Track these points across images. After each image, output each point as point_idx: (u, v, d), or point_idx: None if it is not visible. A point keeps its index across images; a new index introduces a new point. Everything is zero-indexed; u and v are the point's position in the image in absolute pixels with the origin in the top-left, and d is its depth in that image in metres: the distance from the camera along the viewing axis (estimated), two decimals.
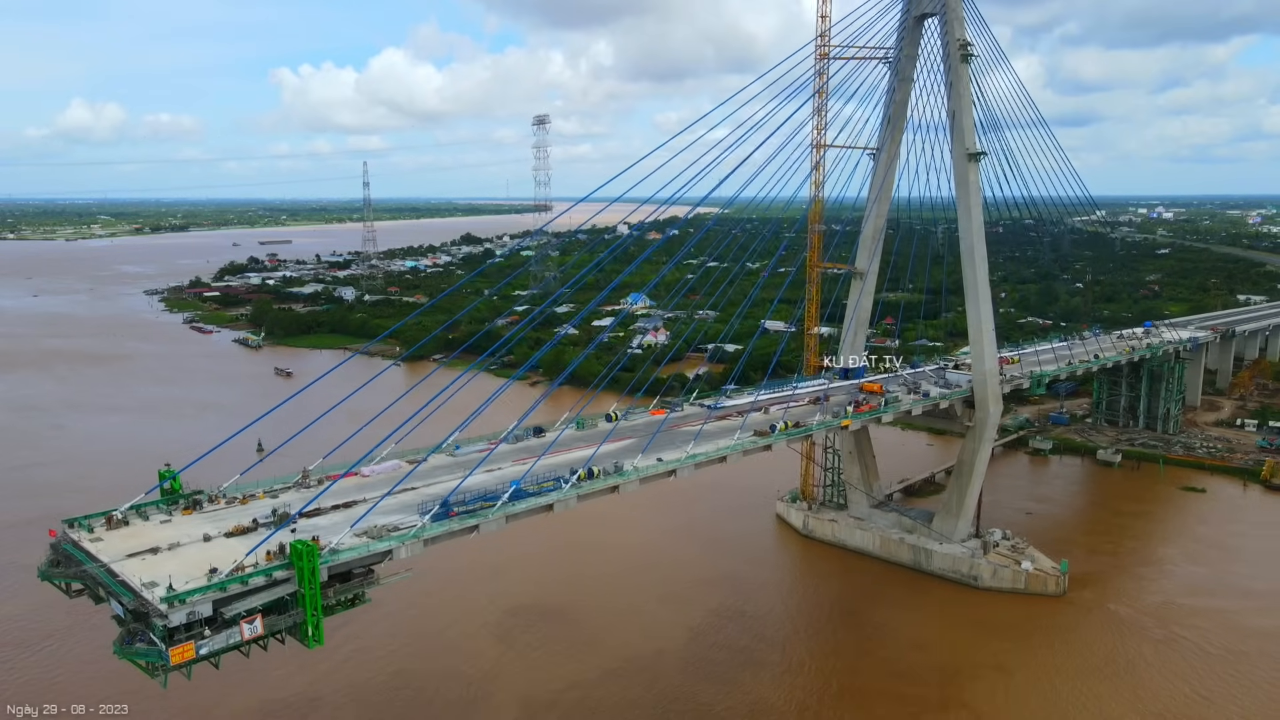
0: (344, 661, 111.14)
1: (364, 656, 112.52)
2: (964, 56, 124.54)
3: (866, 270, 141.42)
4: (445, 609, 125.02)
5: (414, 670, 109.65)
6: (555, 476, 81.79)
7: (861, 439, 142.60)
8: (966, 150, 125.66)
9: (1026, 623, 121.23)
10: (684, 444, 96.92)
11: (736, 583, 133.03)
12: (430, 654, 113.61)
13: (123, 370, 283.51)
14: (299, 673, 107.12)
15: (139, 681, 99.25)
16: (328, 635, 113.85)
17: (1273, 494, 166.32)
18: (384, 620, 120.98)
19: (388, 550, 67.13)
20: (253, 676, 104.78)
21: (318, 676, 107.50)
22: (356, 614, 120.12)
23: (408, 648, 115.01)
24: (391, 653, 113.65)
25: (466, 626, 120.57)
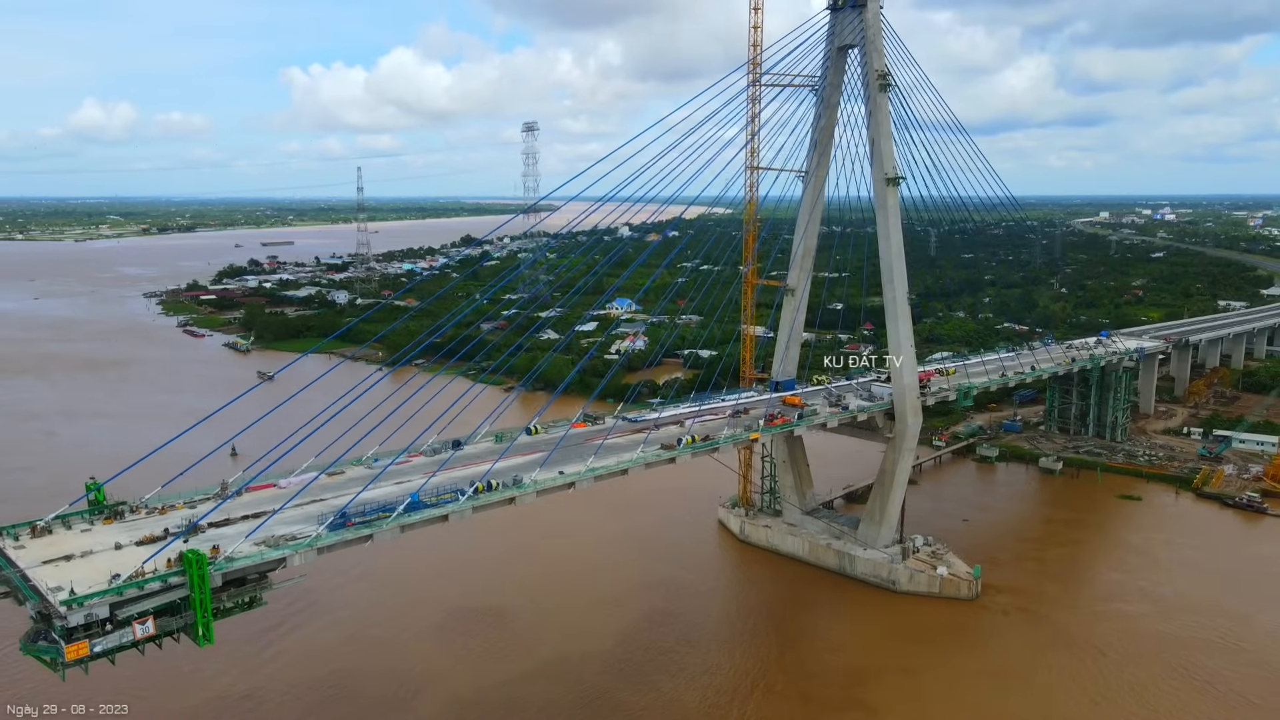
0: (290, 661, 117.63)
1: (309, 656, 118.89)
2: (882, 86, 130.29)
3: (798, 287, 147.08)
4: (392, 611, 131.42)
5: (353, 669, 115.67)
6: (455, 489, 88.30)
7: (795, 448, 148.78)
8: (885, 175, 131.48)
9: (938, 626, 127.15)
10: (600, 456, 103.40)
11: (671, 587, 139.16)
12: (371, 654, 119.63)
13: (115, 376, 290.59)
14: (244, 672, 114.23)
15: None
16: (269, 629, 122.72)
17: (1202, 502, 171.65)
18: (332, 622, 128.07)
19: (281, 558, 73.65)
20: (199, 675, 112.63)
21: (262, 675, 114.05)
22: (305, 616, 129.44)
23: (351, 648, 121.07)
24: (335, 653, 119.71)
25: (409, 628, 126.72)
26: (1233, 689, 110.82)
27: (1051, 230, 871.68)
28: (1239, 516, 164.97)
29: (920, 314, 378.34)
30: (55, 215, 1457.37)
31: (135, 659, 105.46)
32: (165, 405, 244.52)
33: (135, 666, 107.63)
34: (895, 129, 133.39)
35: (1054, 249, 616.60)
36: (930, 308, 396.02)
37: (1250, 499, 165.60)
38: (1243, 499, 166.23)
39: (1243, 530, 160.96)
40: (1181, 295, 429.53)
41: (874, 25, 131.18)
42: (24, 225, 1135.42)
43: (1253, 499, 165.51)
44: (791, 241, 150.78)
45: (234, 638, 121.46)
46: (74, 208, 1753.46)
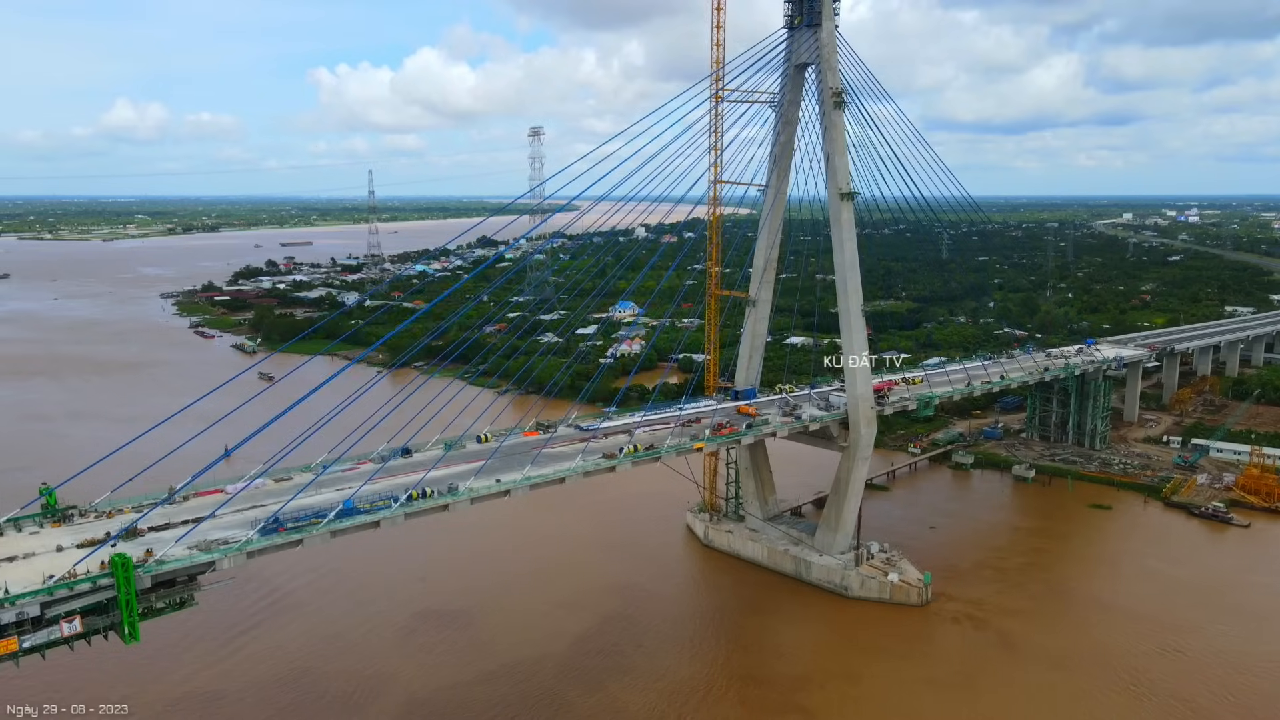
0: (259, 661, 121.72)
1: (277, 656, 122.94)
2: (837, 103, 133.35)
3: (760, 299, 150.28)
4: (363, 612, 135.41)
5: (318, 669, 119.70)
6: (390, 495, 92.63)
7: (757, 455, 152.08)
8: (839, 190, 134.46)
9: (886, 633, 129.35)
10: (541, 465, 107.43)
11: (632, 591, 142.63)
12: (333, 654, 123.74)
13: (124, 378, 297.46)
14: (216, 672, 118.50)
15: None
16: (243, 633, 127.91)
17: (1170, 511, 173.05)
18: (304, 622, 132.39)
19: (210, 561, 78.21)
20: (172, 674, 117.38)
21: (232, 675, 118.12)
22: (280, 616, 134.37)
23: (315, 648, 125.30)
24: (303, 653, 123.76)
25: (377, 629, 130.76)
26: (1173, 696, 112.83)
27: (1068, 232, 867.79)
28: (1204, 526, 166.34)
29: (920, 319, 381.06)
30: (86, 215, 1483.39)
31: (110, 658, 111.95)
32: (166, 407, 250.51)
33: (109, 664, 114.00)
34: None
35: (1066, 252, 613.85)
36: (931, 312, 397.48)
37: (1215, 509, 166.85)
38: (1208, 509, 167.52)
39: (1206, 540, 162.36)
40: (1189, 300, 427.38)
41: (828, 44, 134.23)
42: (54, 225, 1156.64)
43: (1218, 509, 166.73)
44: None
45: (209, 637, 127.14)
46: (105, 207, 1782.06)
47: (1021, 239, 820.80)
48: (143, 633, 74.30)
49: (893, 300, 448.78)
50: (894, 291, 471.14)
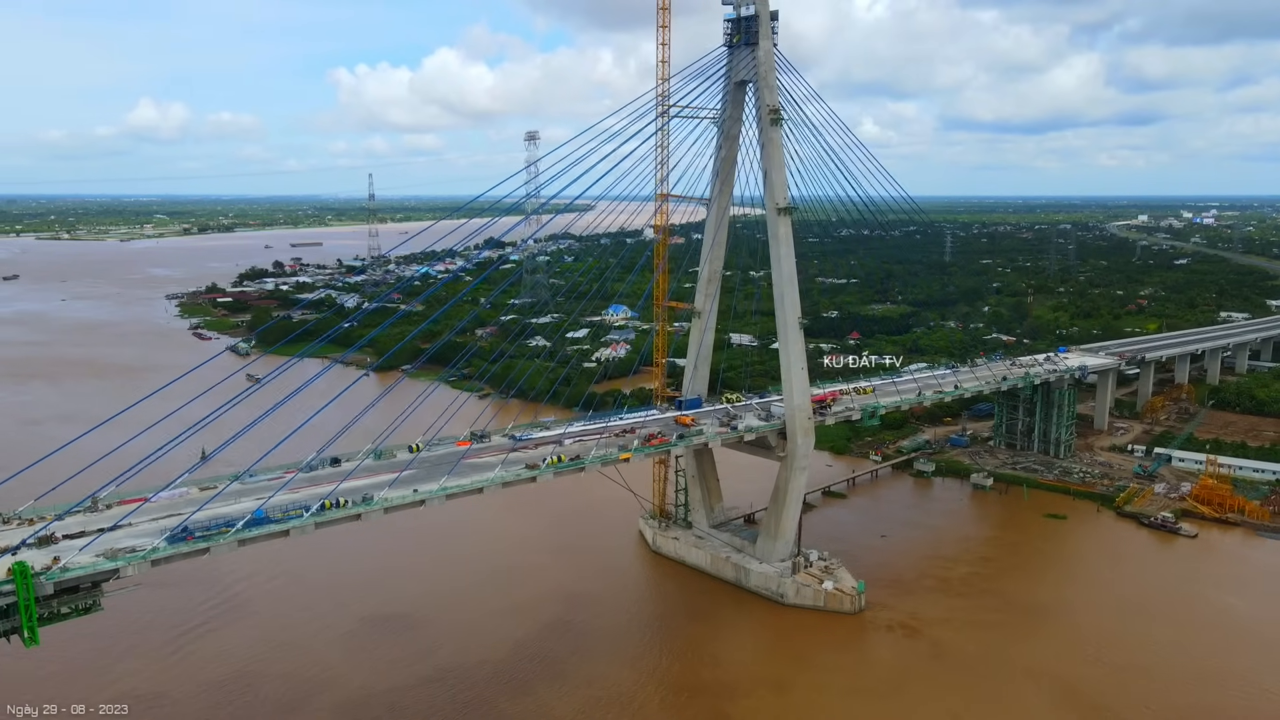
0: (201, 662, 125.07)
1: (220, 658, 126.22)
2: (774, 120, 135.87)
3: (705, 310, 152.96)
4: (310, 615, 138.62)
5: (258, 672, 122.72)
6: (303, 505, 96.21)
7: (704, 463, 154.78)
8: (777, 205, 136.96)
9: (819, 642, 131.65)
10: (463, 474, 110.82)
11: (578, 597, 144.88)
12: (278, 657, 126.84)
13: (119, 381, 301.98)
14: (157, 672, 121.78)
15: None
16: (194, 634, 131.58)
17: (1122, 521, 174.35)
18: (252, 624, 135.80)
19: (114, 569, 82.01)
20: (111, 673, 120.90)
21: (172, 675, 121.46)
22: (229, 617, 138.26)
23: (261, 650, 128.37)
24: (246, 655, 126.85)
25: (321, 632, 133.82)
26: (1094, 705, 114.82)
27: (1079, 235, 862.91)
28: (1153, 537, 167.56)
29: (913, 324, 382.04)
30: (107, 214, 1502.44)
31: (54, 657, 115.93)
32: (155, 411, 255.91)
33: (54, 664, 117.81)
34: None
35: (1069, 255, 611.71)
36: (923, 317, 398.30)
37: (1164, 519, 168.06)
38: (1157, 519, 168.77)
39: (1152, 551, 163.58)
40: (1186, 306, 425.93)
41: (765, 62, 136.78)
42: (72, 225, 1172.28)
43: (1166, 519, 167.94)
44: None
45: (161, 638, 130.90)
46: (126, 206, 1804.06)
47: (1031, 241, 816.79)
48: (94, 631, 77.28)
49: (887, 304, 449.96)
50: (890, 295, 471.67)
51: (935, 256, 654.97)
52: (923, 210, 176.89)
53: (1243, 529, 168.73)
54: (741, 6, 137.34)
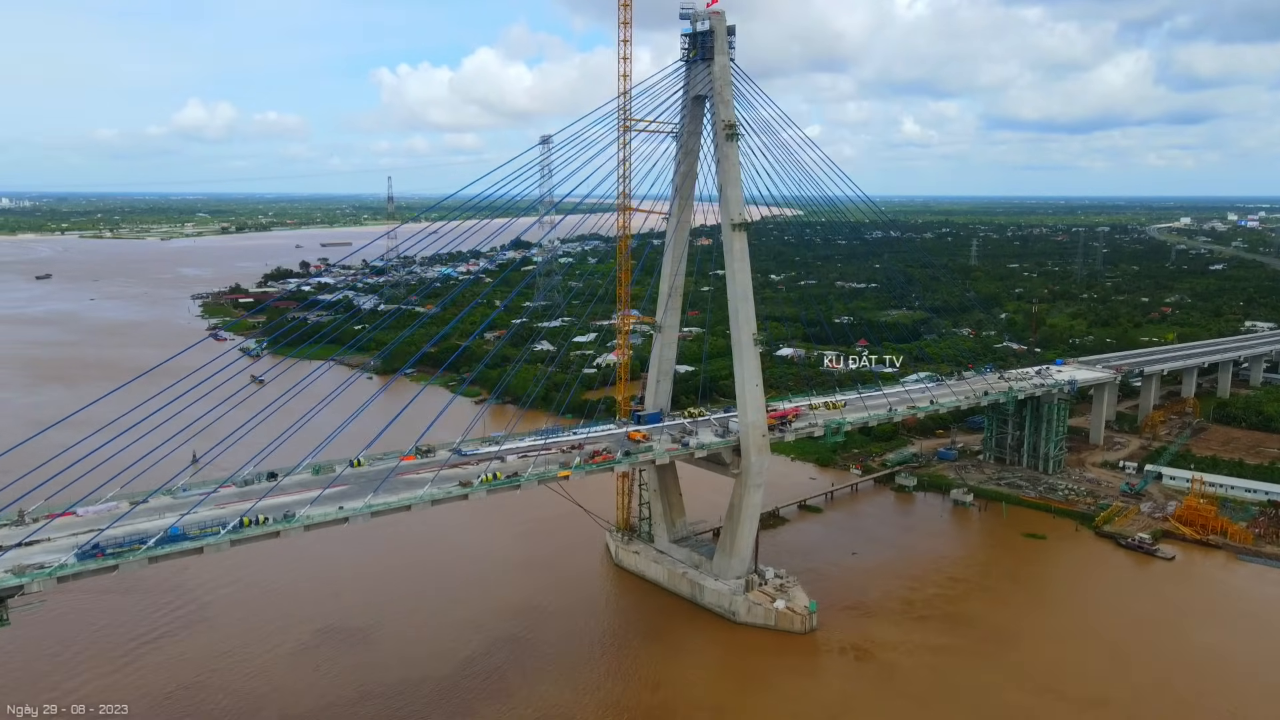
0: (153, 671, 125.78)
1: (170, 667, 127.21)
2: (729, 135, 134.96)
3: (666, 325, 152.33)
4: (267, 626, 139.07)
5: (204, 683, 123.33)
6: (222, 522, 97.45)
7: (666, 477, 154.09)
8: (732, 221, 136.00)
9: (767, 665, 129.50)
10: (394, 491, 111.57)
11: (534, 612, 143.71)
12: (227, 668, 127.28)
13: (134, 384, 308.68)
14: (105, 681, 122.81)
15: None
16: (148, 643, 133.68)
17: (1100, 541, 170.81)
18: (206, 634, 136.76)
19: (19, 585, 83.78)
20: (55, 679, 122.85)
21: (120, 684, 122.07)
22: (183, 627, 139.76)
23: (211, 661, 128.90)
24: (195, 665, 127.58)
25: (275, 644, 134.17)
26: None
27: (1116, 238, 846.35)
28: (1130, 558, 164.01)
29: (924, 330, 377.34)
30: (153, 212, 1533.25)
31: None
32: (159, 414, 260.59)
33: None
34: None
35: (1097, 260, 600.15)
36: (935, 324, 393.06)
37: (1141, 541, 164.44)
38: (1134, 540, 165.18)
39: (1126, 574, 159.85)
40: (1211, 314, 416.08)
41: (721, 77, 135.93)
42: (115, 224, 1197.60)
43: (1143, 540, 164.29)
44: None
45: (111, 645, 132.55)
46: (173, 204, 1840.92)
47: (1064, 244, 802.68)
48: (47, 637, 78.06)
49: (903, 310, 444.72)
50: (907, 300, 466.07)
51: (962, 260, 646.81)
52: (883, 212, 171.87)
53: (1225, 552, 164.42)
54: (698, 21, 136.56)
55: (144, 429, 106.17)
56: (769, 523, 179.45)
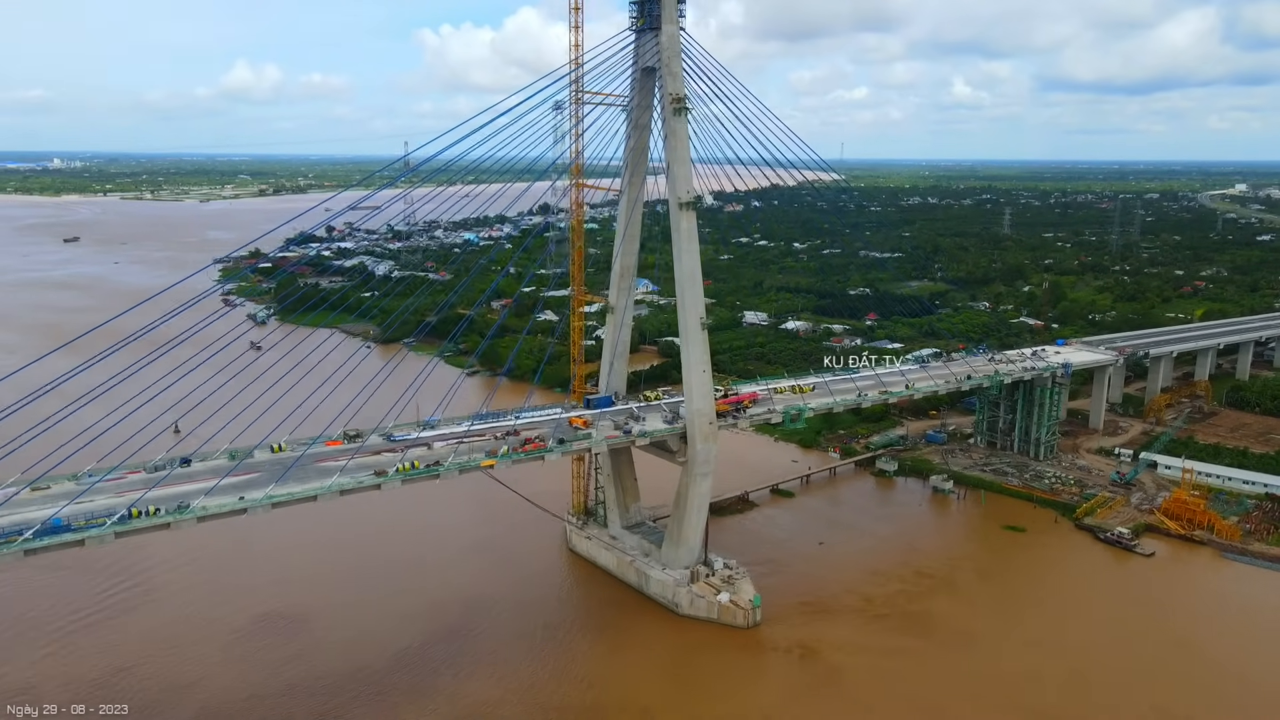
0: (80, 655, 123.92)
1: (103, 651, 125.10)
2: (677, 109, 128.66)
3: (619, 305, 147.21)
4: (207, 611, 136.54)
5: (133, 669, 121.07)
6: (110, 512, 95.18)
7: (620, 461, 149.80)
8: (679, 199, 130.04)
9: (707, 660, 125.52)
10: (301, 480, 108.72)
11: (480, 601, 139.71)
12: (159, 654, 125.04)
13: (138, 352, 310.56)
14: (28, 665, 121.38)
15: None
16: (84, 625, 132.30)
17: (1079, 534, 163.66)
18: (145, 617, 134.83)
19: None
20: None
21: (45, 669, 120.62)
22: (122, 609, 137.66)
23: (144, 648, 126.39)
24: (128, 650, 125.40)
25: (211, 631, 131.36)
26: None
27: (1164, 205, 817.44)
28: (1108, 553, 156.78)
29: (941, 304, 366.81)
30: (198, 173, 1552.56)
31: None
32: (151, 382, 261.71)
33: None
34: None
35: (1134, 229, 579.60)
36: (953, 297, 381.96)
37: (1120, 535, 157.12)
38: (1113, 534, 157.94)
39: (1101, 571, 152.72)
40: (1247, 289, 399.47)
41: (670, 48, 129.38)
42: (157, 185, 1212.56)
43: (1122, 535, 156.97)
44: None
45: (47, 627, 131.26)
46: (218, 166, 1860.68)
47: (1108, 212, 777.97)
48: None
49: (924, 281, 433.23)
50: (930, 272, 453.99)
51: (996, 228, 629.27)
52: (839, 174, 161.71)
53: (1210, 549, 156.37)
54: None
55: (132, 397, 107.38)
56: (737, 508, 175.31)
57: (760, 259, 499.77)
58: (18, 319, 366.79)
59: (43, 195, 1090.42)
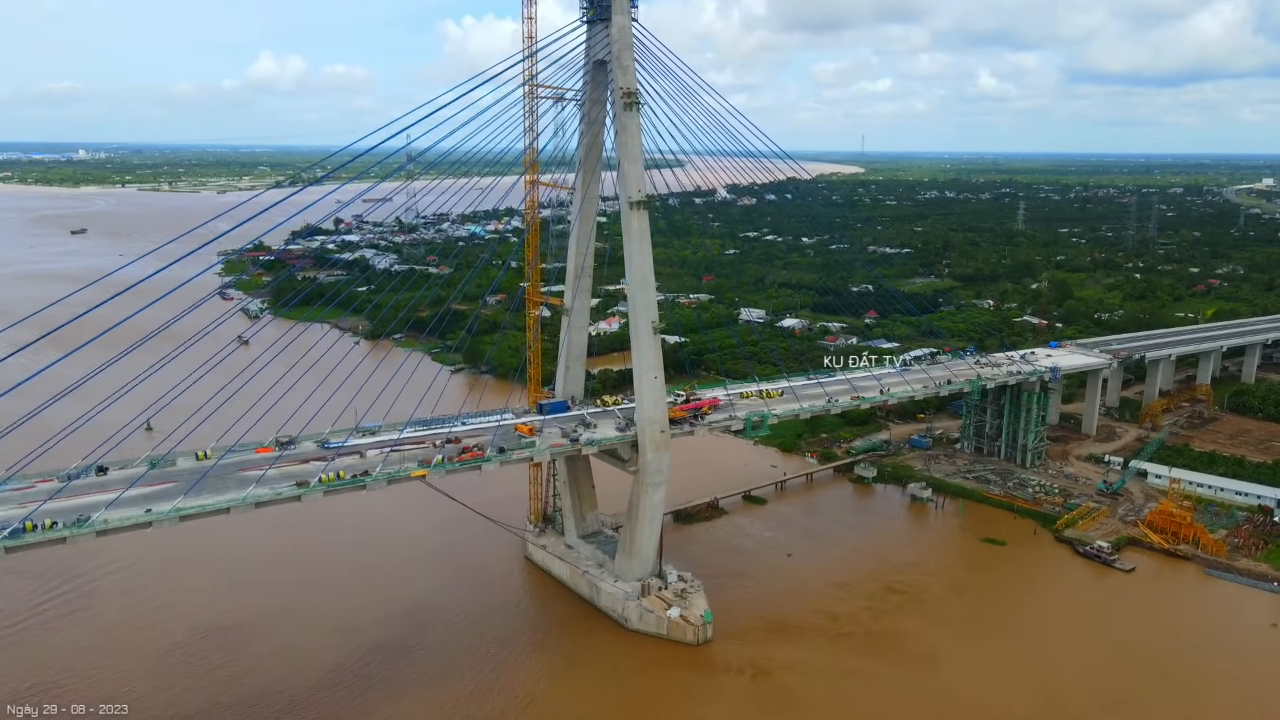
0: (7, 668, 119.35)
1: (31, 664, 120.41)
2: (629, 104, 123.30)
3: (574, 307, 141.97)
4: (145, 620, 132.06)
5: (58, 684, 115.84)
6: (4, 524, 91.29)
7: (576, 468, 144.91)
8: (630, 199, 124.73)
9: (653, 681, 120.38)
10: (219, 491, 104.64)
11: (427, 612, 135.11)
12: (89, 668, 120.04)
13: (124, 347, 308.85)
14: None
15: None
16: (16, 636, 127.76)
17: (1059, 547, 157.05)
18: (79, 626, 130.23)
19: None
20: None
21: None
22: (59, 617, 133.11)
23: (72, 661, 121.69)
24: (58, 664, 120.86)
25: (145, 642, 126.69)
26: None
27: (1188, 200, 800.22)
28: (1087, 568, 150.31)
29: (944, 301, 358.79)
30: (220, 165, 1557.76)
31: None
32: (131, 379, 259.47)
33: None
34: None
35: (1150, 225, 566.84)
36: (956, 295, 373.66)
37: (1100, 549, 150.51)
38: (1092, 548, 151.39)
39: (1079, 588, 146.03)
40: (1263, 288, 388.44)
41: (620, 40, 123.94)
42: (176, 177, 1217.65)
43: (1101, 549, 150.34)
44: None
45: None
46: (242, 157, 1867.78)
47: (1128, 207, 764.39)
48: None
49: (932, 278, 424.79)
50: (937, 269, 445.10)
51: (1010, 224, 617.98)
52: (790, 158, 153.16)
53: (1195, 565, 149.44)
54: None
55: (112, 394, 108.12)
56: (705, 515, 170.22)
57: (766, 254, 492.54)
58: (14, 312, 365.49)
59: (61, 186, 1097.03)
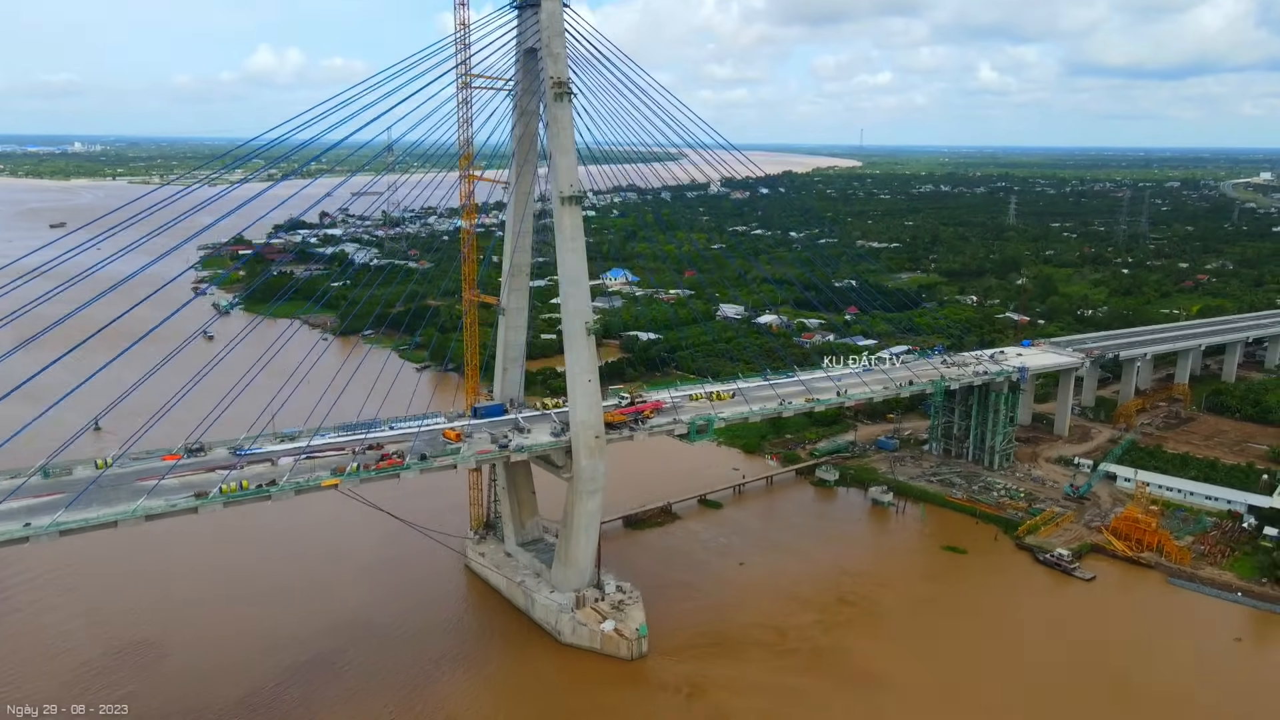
0: None
1: None
2: (559, 94, 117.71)
3: (511, 307, 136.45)
4: (59, 637, 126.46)
5: None
6: None
7: (515, 473, 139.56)
8: (561, 193, 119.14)
9: (580, 699, 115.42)
10: (127, 500, 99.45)
11: (357, 628, 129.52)
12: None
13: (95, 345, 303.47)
14: None
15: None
16: None
17: (1019, 554, 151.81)
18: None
19: None
20: None
21: None
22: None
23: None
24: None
25: (55, 662, 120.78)
26: None
27: (1183, 194, 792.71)
28: (1047, 577, 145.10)
29: (926, 297, 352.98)
30: (215, 158, 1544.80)
31: None
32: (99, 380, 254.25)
33: None
34: None
35: (1141, 220, 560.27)
36: (939, 291, 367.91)
37: (1059, 557, 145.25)
38: (1051, 556, 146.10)
39: (1037, 598, 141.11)
40: (1251, 284, 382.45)
41: (550, 27, 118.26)
42: (167, 170, 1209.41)
43: (1061, 557, 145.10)
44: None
45: None
46: (240, 150, 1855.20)
47: (1122, 201, 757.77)
48: None
49: (918, 273, 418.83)
50: (924, 264, 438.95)
51: (1002, 218, 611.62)
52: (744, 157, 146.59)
53: (1158, 573, 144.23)
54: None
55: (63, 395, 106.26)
56: (657, 520, 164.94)
57: (753, 248, 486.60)
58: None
59: (51, 179, 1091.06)
